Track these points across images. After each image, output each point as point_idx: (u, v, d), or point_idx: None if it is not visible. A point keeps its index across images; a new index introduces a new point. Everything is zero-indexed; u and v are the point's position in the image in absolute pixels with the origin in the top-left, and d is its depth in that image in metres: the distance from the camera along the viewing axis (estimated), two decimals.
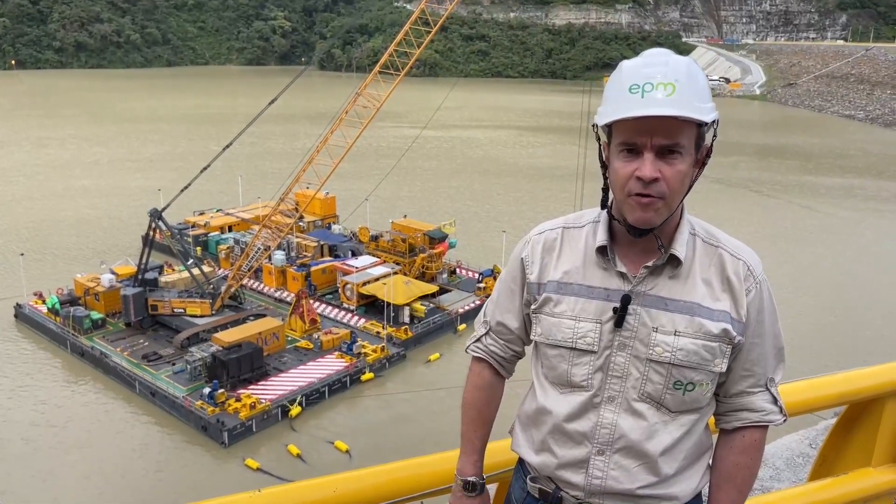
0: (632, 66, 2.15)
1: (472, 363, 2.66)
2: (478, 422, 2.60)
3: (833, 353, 36.96)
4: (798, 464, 4.76)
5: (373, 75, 41.96)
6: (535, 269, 2.43)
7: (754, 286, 2.27)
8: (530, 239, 2.49)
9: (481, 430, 2.60)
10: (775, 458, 4.83)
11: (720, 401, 2.40)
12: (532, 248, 2.46)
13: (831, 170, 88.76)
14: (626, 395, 2.27)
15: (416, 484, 2.69)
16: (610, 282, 2.29)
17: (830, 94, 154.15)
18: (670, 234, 2.27)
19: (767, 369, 2.34)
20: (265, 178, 68.80)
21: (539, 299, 2.40)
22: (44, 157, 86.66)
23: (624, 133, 2.14)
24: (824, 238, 59.86)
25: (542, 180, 78.66)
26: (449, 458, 2.78)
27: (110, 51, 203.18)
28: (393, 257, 48.70)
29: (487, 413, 2.62)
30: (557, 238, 2.43)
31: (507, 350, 2.60)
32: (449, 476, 2.67)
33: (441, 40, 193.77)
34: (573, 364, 2.33)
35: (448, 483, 2.67)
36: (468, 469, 2.58)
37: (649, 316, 2.24)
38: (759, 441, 2.38)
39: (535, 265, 2.44)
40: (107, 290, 41.52)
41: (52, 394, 34.14)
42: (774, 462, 4.80)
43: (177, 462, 29.25)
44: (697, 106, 2.07)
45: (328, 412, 33.36)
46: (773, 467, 4.75)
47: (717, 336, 2.22)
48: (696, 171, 2.22)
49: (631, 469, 2.27)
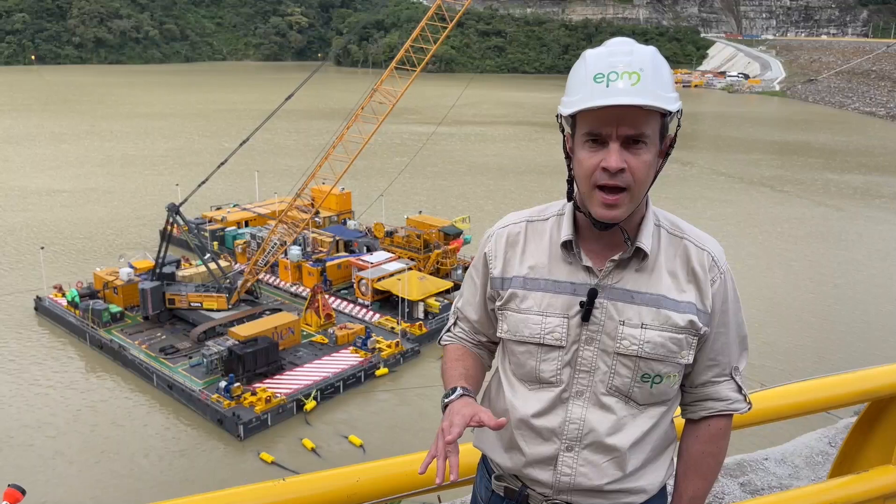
0: (596, 55, 2.12)
1: (444, 349, 2.61)
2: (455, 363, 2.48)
3: (855, 350, 36.59)
4: (817, 462, 4.74)
5: (389, 71, 41.98)
6: (499, 263, 2.38)
7: (719, 276, 2.25)
8: (493, 233, 2.45)
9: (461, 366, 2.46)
10: (794, 457, 4.81)
11: (686, 391, 2.39)
12: (495, 242, 2.42)
13: (856, 167, 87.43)
14: (594, 389, 2.24)
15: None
16: (576, 276, 2.26)
17: (851, 91, 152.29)
18: (635, 226, 2.24)
19: (732, 358, 2.34)
20: (281, 173, 69.16)
21: (504, 295, 2.36)
22: (62, 151, 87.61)
23: (589, 123, 2.10)
24: (850, 236, 59.11)
25: (557, 177, 78.21)
26: (466, 451, 2.80)
27: (129, 46, 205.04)
28: (408, 253, 48.77)
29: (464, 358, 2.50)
30: (521, 232, 2.39)
31: (473, 337, 2.57)
32: (467, 468, 2.67)
33: (457, 36, 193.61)
34: (541, 360, 2.28)
35: (465, 475, 2.67)
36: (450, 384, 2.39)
37: (616, 309, 2.21)
38: (724, 429, 2.38)
39: (497, 259, 2.39)
40: (125, 284, 41.97)
41: (71, 385, 34.57)
42: (793, 460, 4.78)
43: (193, 455, 29.53)
44: (662, 95, 2.04)
45: (343, 407, 33.53)
46: (792, 465, 4.73)
47: (684, 328, 2.21)
48: (661, 161, 2.19)
49: (600, 465, 2.25)
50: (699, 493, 2.39)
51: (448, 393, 2.30)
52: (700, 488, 2.39)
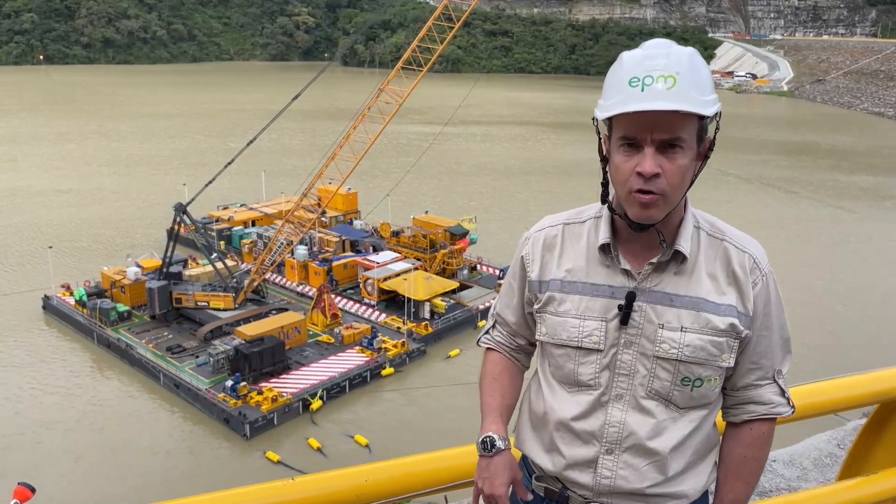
0: (632, 57, 2.10)
1: (485, 353, 2.65)
2: (492, 387, 2.52)
3: (864, 351, 36.37)
4: (826, 464, 4.72)
5: (396, 71, 42.01)
6: (536, 266, 2.40)
7: (760, 278, 2.23)
8: (530, 236, 2.46)
9: (496, 392, 2.51)
10: (803, 459, 4.79)
11: (727, 394, 2.37)
12: (532, 245, 2.44)
13: (865, 168, 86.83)
14: (633, 392, 2.25)
15: (446, 475, 2.72)
16: (614, 279, 2.26)
17: (860, 91, 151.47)
18: (674, 228, 2.23)
19: (775, 361, 2.32)
20: (288, 173, 69.26)
21: (542, 298, 2.37)
22: (69, 151, 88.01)
23: (624, 127, 2.10)
24: (859, 237, 58.79)
25: (564, 177, 78.28)
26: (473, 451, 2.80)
27: (137, 46, 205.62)
28: (414, 253, 48.80)
29: (502, 380, 2.54)
30: (558, 235, 2.40)
31: (512, 341, 2.58)
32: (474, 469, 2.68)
33: (464, 36, 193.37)
34: (580, 363, 2.30)
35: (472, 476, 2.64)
36: (486, 428, 2.46)
37: (655, 312, 2.21)
38: (766, 433, 2.36)
39: (535, 263, 2.41)
40: (132, 283, 42.15)
41: (78, 384, 34.74)
42: (802, 462, 4.76)
43: (199, 453, 29.64)
44: (698, 99, 2.03)
45: (349, 406, 33.58)
46: (800, 467, 4.71)
47: (724, 331, 2.19)
48: (699, 164, 2.18)
49: (640, 468, 2.25)
50: (740, 497, 2.37)
51: (487, 442, 2.34)
52: (741, 492, 2.37)
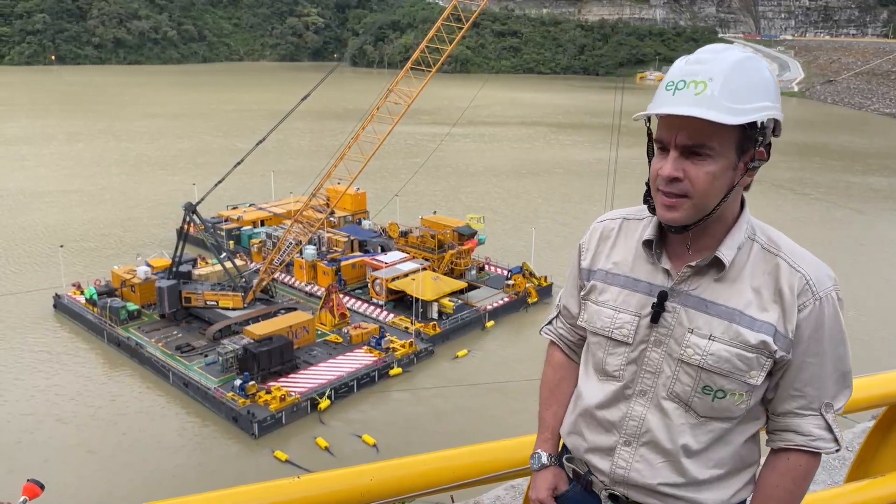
0: (680, 61, 2.13)
1: (547, 346, 2.74)
2: (549, 401, 2.64)
3: (873, 353, 36.10)
4: (833, 466, 4.70)
5: (404, 72, 42.05)
6: (589, 255, 2.48)
7: (812, 302, 2.13)
8: (592, 226, 2.55)
9: (552, 408, 2.63)
10: None
11: (769, 418, 2.32)
12: (590, 235, 2.52)
13: (878, 170, 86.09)
14: (656, 391, 2.27)
15: (451, 475, 2.73)
16: (655, 277, 2.29)
17: (871, 92, 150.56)
18: (719, 235, 2.20)
19: (823, 393, 2.21)
20: (296, 173, 69.48)
21: (587, 286, 2.45)
22: (78, 151, 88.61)
23: (658, 130, 2.15)
24: (871, 239, 58.35)
25: (573, 178, 78.16)
26: (479, 450, 2.83)
27: (147, 47, 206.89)
28: (422, 253, 48.83)
29: (559, 393, 2.64)
30: (615, 228, 2.45)
31: (573, 333, 2.64)
32: (480, 468, 2.72)
33: (472, 36, 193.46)
34: (608, 353, 2.36)
35: (478, 475, 2.72)
36: (538, 445, 2.63)
37: (687, 316, 2.20)
38: (805, 467, 2.25)
39: (589, 252, 2.49)
40: (142, 282, 42.40)
41: (88, 382, 34.96)
42: None
43: (208, 452, 29.76)
44: (728, 106, 1.98)
45: (356, 406, 33.64)
46: None
47: (755, 347, 2.13)
48: (740, 174, 2.12)
49: (655, 464, 2.26)
50: None
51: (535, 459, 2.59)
52: None
